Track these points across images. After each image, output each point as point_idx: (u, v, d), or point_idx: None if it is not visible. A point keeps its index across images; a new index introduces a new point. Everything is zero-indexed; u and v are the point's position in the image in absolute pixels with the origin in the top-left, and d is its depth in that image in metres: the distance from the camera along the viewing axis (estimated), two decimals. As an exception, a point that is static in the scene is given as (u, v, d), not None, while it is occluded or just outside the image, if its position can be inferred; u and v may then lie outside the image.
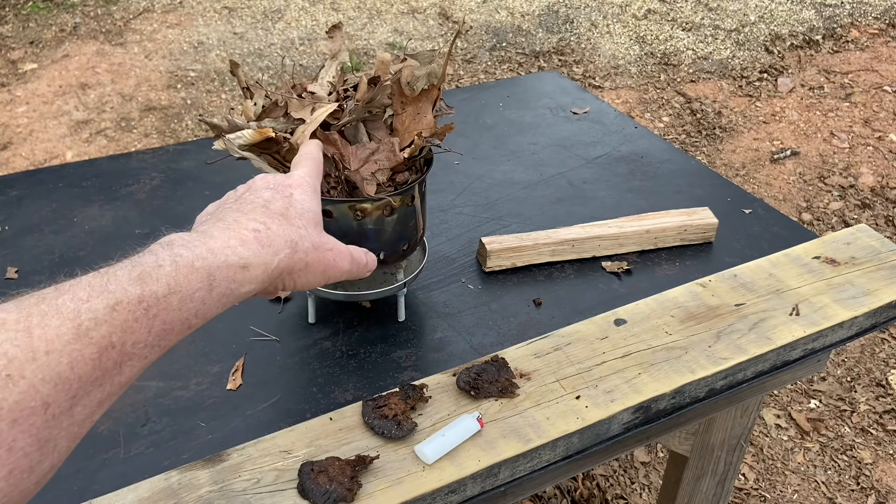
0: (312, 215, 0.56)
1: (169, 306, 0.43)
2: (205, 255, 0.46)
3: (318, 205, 0.58)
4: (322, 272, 0.56)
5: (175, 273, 0.44)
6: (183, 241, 0.47)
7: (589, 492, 1.68)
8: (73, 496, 0.71)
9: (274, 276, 0.51)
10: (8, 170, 2.73)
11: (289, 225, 0.53)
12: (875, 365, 2.03)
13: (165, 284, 0.43)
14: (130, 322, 0.41)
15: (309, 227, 0.54)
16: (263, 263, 0.49)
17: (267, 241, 0.50)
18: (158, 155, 1.29)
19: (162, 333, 0.43)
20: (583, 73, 3.46)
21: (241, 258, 0.48)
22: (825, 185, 2.73)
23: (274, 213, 0.53)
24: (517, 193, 1.20)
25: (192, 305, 0.45)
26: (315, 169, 0.62)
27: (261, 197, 0.54)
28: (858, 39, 3.73)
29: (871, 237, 1.05)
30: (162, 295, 0.43)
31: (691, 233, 1.07)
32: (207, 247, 0.47)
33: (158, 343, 0.44)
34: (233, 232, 0.49)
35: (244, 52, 3.55)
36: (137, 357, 0.42)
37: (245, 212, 0.52)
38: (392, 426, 0.74)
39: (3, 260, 1.03)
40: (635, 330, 0.88)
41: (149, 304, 0.42)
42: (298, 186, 0.57)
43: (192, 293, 0.45)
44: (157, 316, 0.43)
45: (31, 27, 3.73)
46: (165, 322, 0.43)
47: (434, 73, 0.76)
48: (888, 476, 1.75)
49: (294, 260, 0.52)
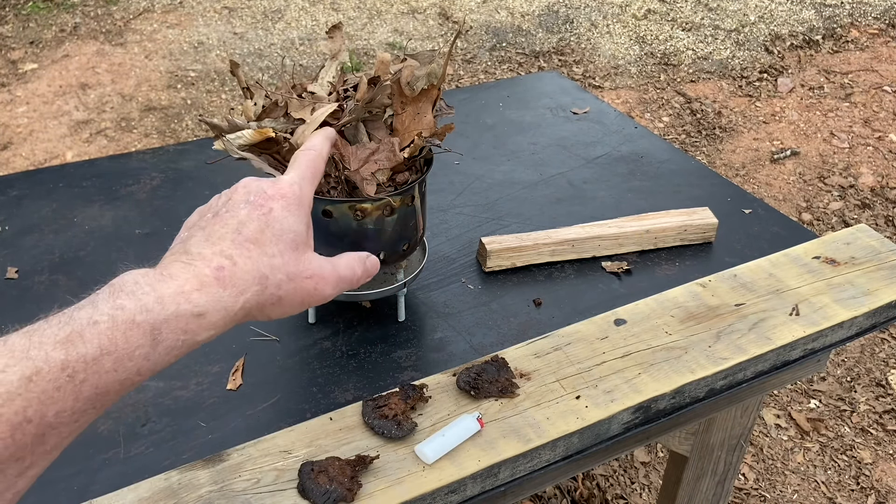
0: (292, 237, 0.50)
1: (101, 369, 0.39)
2: (150, 307, 0.41)
3: (302, 221, 0.51)
4: (300, 302, 0.50)
5: (111, 331, 0.40)
6: (131, 287, 0.42)
7: (589, 492, 1.68)
8: (73, 496, 0.71)
9: (238, 317, 0.46)
10: (8, 170, 2.73)
11: (260, 254, 0.47)
12: (875, 365, 2.03)
13: (97, 346, 0.39)
14: (51, 392, 0.37)
15: (286, 254, 0.49)
16: (224, 308, 0.45)
17: (230, 280, 0.45)
18: (158, 155, 1.29)
19: (93, 398, 0.39)
20: (583, 73, 3.46)
21: (196, 306, 0.43)
22: (825, 185, 2.73)
23: (245, 239, 0.47)
24: (517, 193, 1.20)
25: (131, 365, 0.40)
26: (310, 172, 0.55)
27: (236, 217, 0.49)
28: (858, 39, 3.73)
29: (871, 237, 1.05)
30: (92, 358, 0.39)
31: (691, 233, 1.07)
32: (156, 295, 0.42)
33: (91, 407, 0.40)
34: (192, 270, 0.44)
35: (244, 52, 3.55)
36: (64, 424, 0.39)
37: (213, 239, 0.47)
38: (392, 426, 0.74)
39: (3, 260, 1.03)
40: (635, 330, 0.88)
41: (74, 369, 0.38)
42: (281, 198, 0.50)
43: (130, 351, 0.40)
44: (87, 381, 0.39)
45: (32, 27, 3.73)
46: (97, 386, 0.39)
47: (434, 73, 0.76)
48: (888, 476, 1.75)
49: (264, 297, 0.47)
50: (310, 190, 0.54)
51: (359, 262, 0.56)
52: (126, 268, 0.44)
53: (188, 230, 0.50)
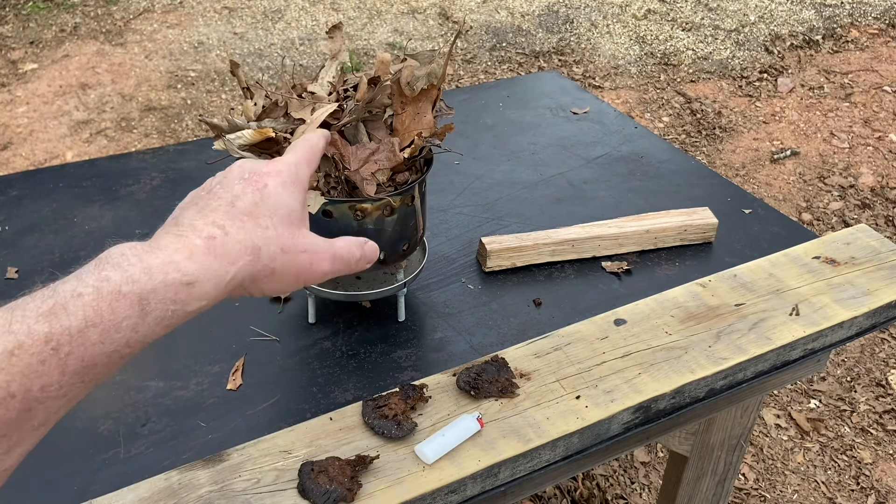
0: (287, 212, 0.49)
1: (87, 341, 0.38)
2: (136, 277, 0.41)
3: (297, 198, 0.51)
4: (294, 277, 0.49)
5: (96, 302, 0.39)
6: (117, 259, 0.41)
7: (589, 492, 1.68)
8: (73, 496, 0.71)
9: (231, 287, 0.45)
10: (8, 170, 2.73)
11: (254, 226, 0.47)
12: (875, 365, 2.03)
13: (82, 317, 0.38)
14: (35, 366, 0.37)
15: (280, 227, 0.48)
16: (215, 277, 0.44)
17: (222, 250, 0.44)
18: (158, 155, 1.29)
19: (81, 371, 0.38)
20: (583, 73, 3.46)
21: (186, 274, 0.42)
22: (825, 185, 2.73)
23: (239, 211, 0.47)
24: (517, 193, 1.20)
25: (118, 336, 0.39)
26: (306, 156, 0.54)
27: (230, 191, 0.48)
28: (858, 39, 3.73)
29: (871, 237, 1.05)
30: (77, 330, 0.38)
31: (691, 233, 1.07)
32: (143, 265, 0.41)
33: (80, 381, 0.39)
34: (183, 241, 0.44)
35: (244, 52, 3.55)
36: (52, 399, 0.38)
37: (205, 212, 0.47)
38: (392, 426, 0.74)
39: (3, 260, 1.03)
40: (635, 330, 0.88)
41: (59, 342, 0.37)
42: (276, 175, 0.50)
43: (117, 323, 0.39)
44: (72, 354, 0.38)
45: (32, 27, 3.73)
46: (83, 359, 0.38)
47: (434, 73, 0.76)
48: (888, 476, 1.75)
49: (257, 268, 0.46)
50: (306, 172, 0.53)
51: (357, 246, 0.55)
52: (114, 242, 0.44)
53: (180, 209, 0.49)
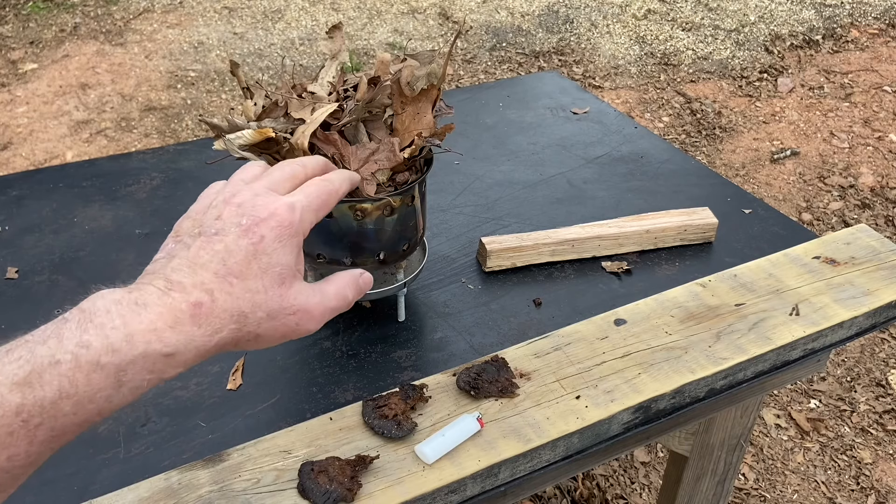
0: (279, 270, 0.46)
1: (59, 412, 0.37)
2: (118, 346, 0.39)
3: (293, 252, 0.48)
4: (280, 337, 0.48)
5: (73, 372, 0.38)
6: (101, 319, 0.40)
7: (589, 492, 1.68)
8: (73, 496, 0.71)
9: (211, 353, 0.44)
10: (8, 170, 2.73)
11: (243, 290, 0.44)
12: (875, 365, 2.03)
13: (57, 389, 0.37)
14: (2, 437, 0.36)
15: (270, 289, 0.46)
16: (195, 348, 0.42)
17: (207, 318, 0.43)
18: (158, 155, 1.29)
19: (49, 440, 0.38)
20: (583, 73, 3.46)
21: (167, 346, 0.41)
22: (825, 185, 2.73)
23: (229, 271, 0.44)
24: (517, 193, 1.20)
25: (91, 407, 0.38)
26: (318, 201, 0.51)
27: (223, 241, 0.46)
28: (858, 39, 3.73)
29: (871, 237, 1.05)
30: (50, 401, 0.37)
31: (691, 233, 1.07)
32: (126, 332, 0.40)
33: (49, 448, 0.38)
34: (168, 302, 0.42)
35: (244, 52, 3.55)
36: (19, 468, 0.37)
37: (196, 267, 0.44)
38: (392, 426, 0.74)
39: (3, 260, 1.03)
40: (635, 330, 0.88)
41: (30, 413, 0.36)
42: (276, 227, 0.47)
43: (92, 395, 0.38)
44: (42, 425, 0.37)
45: (31, 27, 3.73)
46: (53, 429, 0.37)
47: (434, 73, 0.76)
48: (888, 476, 1.75)
49: (241, 334, 0.45)
50: (311, 220, 0.50)
51: (350, 286, 0.52)
52: (97, 288, 0.42)
53: (175, 240, 0.47)
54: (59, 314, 0.41)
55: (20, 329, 0.93)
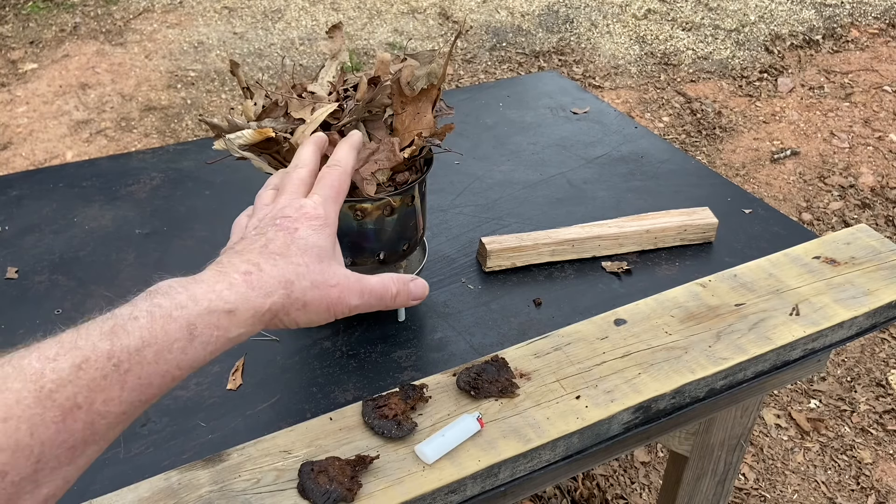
0: (318, 251, 0.53)
1: (143, 360, 0.42)
2: (184, 304, 0.45)
3: (328, 239, 0.54)
4: (326, 309, 0.53)
5: (150, 324, 0.43)
6: (166, 289, 0.45)
7: (589, 492, 1.68)
8: (73, 496, 0.71)
9: (267, 318, 0.49)
10: (8, 170, 2.73)
11: (286, 263, 0.51)
12: (875, 365, 2.03)
13: (139, 337, 0.42)
14: (98, 380, 0.40)
15: (312, 264, 0.52)
16: (252, 307, 0.48)
17: (258, 283, 0.48)
18: (158, 155, 1.29)
19: (138, 388, 0.42)
20: (583, 73, 3.46)
21: (227, 303, 0.46)
22: (825, 185, 2.73)
23: (272, 252, 0.51)
24: (517, 193, 1.20)
25: (170, 357, 0.43)
26: (333, 191, 0.57)
27: (264, 236, 0.53)
28: (858, 39, 3.73)
29: (871, 237, 1.05)
30: (135, 348, 0.42)
31: (691, 233, 1.07)
32: (189, 293, 0.45)
33: (137, 398, 0.42)
34: (223, 275, 0.48)
35: (244, 52, 3.55)
36: (113, 414, 0.41)
37: (242, 253, 0.51)
38: (392, 426, 0.74)
39: (3, 260, 1.03)
40: (635, 330, 0.88)
41: (119, 359, 0.41)
42: (307, 221, 0.54)
43: (169, 344, 0.43)
44: (130, 371, 0.41)
45: (31, 27, 3.73)
46: (140, 377, 0.42)
47: (434, 73, 0.76)
48: (888, 476, 1.75)
49: (290, 300, 0.50)
50: (334, 210, 0.56)
51: (395, 282, 0.57)
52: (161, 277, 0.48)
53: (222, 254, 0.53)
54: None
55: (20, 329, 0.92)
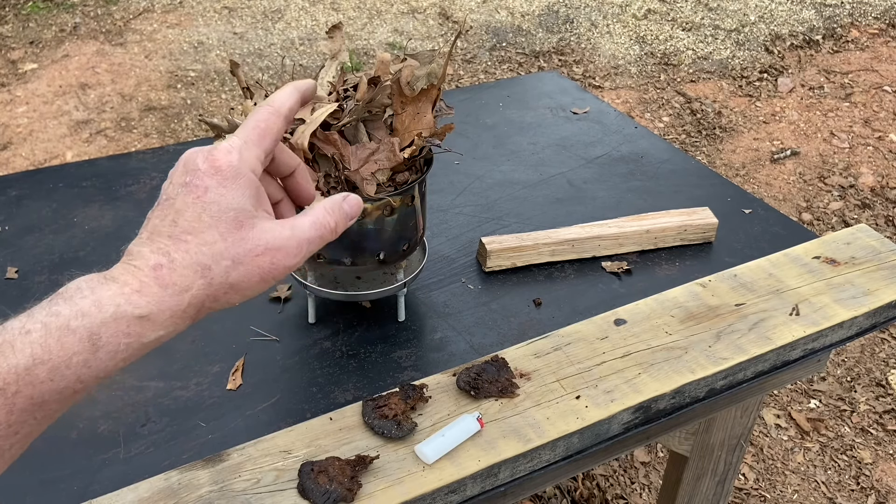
0: (234, 215, 0.45)
1: (34, 379, 0.38)
2: (87, 311, 0.40)
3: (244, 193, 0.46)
4: (259, 282, 0.46)
5: (44, 338, 0.38)
6: (71, 293, 0.41)
7: (589, 492, 1.68)
8: (73, 496, 0.71)
9: (191, 313, 0.44)
10: (8, 170, 2.73)
11: (199, 244, 0.44)
12: (875, 365, 2.03)
13: (29, 355, 0.38)
14: None
15: (228, 236, 0.44)
16: (168, 308, 0.42)
17: (170, 278, 0.43)
18: (158, 155, 1.29)
19: (30, 409, 0.38)
20: (583, 73, 3.46)
21: (137, 307, 0.41)
22: (825, 185, 2.73)
23: (182, 230, 0.44)
24: (517, 193, 1.20)
25: (69, 373, 0.39)
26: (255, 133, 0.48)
27: (173, 206, 0.45)
28: (858, 39, 3.73)
29: (871, 237, 1.05)
30: (24, 368, 0.37)
31: (691, 233, 1.07)
32: (95, 298, 0.40)
33: (30, 418, 0.38)
34: (132, 271, 0.42)
35: (244, 52, 3.55)
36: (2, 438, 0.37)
37: (154, 235, 0.45)
38: (392, 426, 0.74)
39: (3, 260, 1.03)
40: (635, 330, 0.88)
41: (5, 381, 0.37)
42: (216, 176, 0.45)
43: (66, 359, 0.38)
44: (20, 392, 0.37)
45: (31, 27, 3.73)
46: (32, 397, 0.38)
47: (434, 73, 0.76)
48: (888, 476, 1.75)
49: (213, 288, 0.44)
50: (252, 154, 0.47)
51: (332, 212, 0.49)
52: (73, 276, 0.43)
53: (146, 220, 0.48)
54: None
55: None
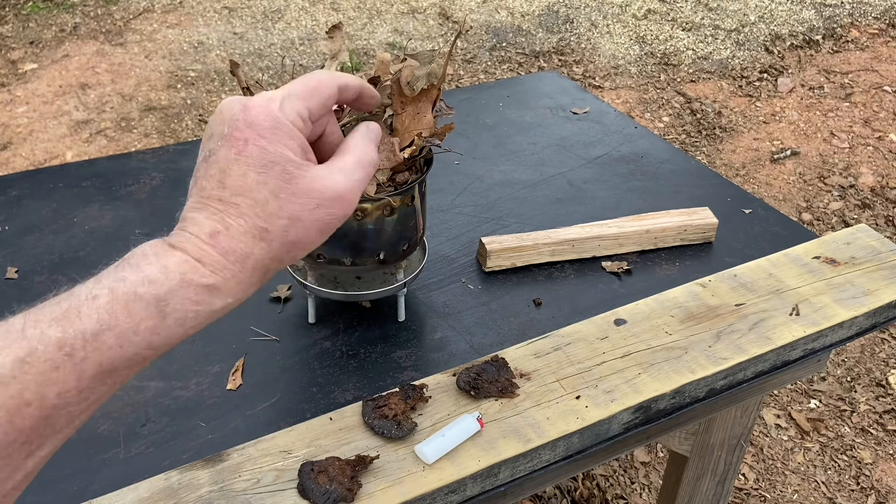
0: (281, 167, 0.43)
1: (102, 346, 0.37)
2: (154, 277, 0.39)
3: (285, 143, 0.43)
4: (319, 234, 0.44)
5: (111, 304, 0.37)
6: (137, 260, 0.40)
7: (589, 492, 1.68)
8: (73, 496, 0.71)
9: (258, 277, 0.43)
10: (8, 170, 2.73)
11: (251, 205, 0.42)
12: (875, 365, 2.03)
13: (96, 321, 0.37)
14: (48, 373, 0.35)
15: (280, 193, 0.42)
16: (233, 276, 0.41)
17: (229, 245, 0.41)
18: (158, 155, 1.29)
19: (99, 376, 0.37)
20: (583, 73, 3.46)
21: (203, 276, 0.40)
22: (825, 185, 2.73)
23: (231, 193, 0.42)
24: (517, 193, 1.20)
25: (137, 339, 0.38)
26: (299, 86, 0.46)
27: (217, 163, 0.43)
28: (858, 39, 3.73)
29: (871, 237, 1.05)
30: (91, 334, 0.37)
31: (691, 233, 1.07)
32: (161, 265, 0.39)
33: (100, 384, 0.38)
34: (191, 240, 0.41)
35: (244, 52, 3.55)
36: (72, 404, 0.37)
37: (203, 197, 0.43)
38: (392, 426, 0.74)
39: (3, 260, 1.03)
40: (635, 330, 0.88)
41: (72, 347, 0.36)
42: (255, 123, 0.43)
43: (134, 326, 0.38)
44: (88, 359, 0.36)
45: (31, 27, 3.73)
46: (101, 364, 0.37)
47: (434, 73, 0.76)
48: (888, 476, 1.75)
49: (274, 250, 0.43)
50: (293, 106, 0.45)
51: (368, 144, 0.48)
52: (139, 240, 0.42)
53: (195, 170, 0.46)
54: None
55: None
